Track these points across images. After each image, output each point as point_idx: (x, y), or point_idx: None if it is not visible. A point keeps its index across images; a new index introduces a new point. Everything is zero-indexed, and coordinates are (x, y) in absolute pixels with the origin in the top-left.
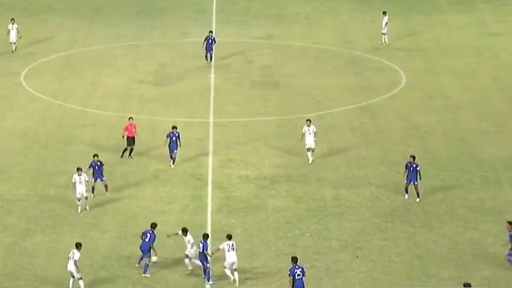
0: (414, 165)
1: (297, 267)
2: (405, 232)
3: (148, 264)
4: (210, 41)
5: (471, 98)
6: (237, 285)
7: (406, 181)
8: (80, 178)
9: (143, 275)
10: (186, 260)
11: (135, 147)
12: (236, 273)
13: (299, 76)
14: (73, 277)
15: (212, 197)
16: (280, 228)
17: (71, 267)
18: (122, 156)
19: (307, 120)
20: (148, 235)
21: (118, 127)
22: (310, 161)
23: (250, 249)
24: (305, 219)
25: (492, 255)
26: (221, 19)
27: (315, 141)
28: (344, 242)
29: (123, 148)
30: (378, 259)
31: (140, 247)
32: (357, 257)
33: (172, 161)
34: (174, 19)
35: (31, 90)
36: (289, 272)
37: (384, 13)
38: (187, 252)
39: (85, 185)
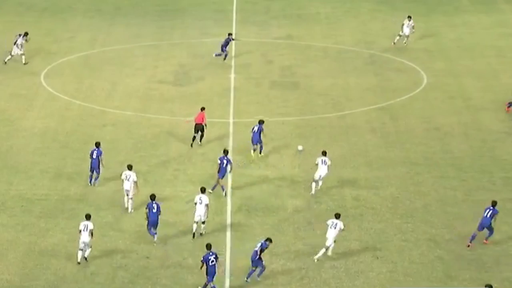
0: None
1: (210, 253)
2: (426, 233)
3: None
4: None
5: (493, 99)
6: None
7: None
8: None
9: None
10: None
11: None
12: (326, 251)
13: (319, 76)
14: (82, 250)
15: (232, 197)
16: (300, 228)
17: (86, 238)
18: (191, 146)
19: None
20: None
21: (138, 127)
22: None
23: (269, 249)
24: (325, 220)
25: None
26: (241, 19)
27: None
28: (364, 243)
29: (193, 136)
30: (399, 260)
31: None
32: (377, 258)
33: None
34: (194, 19)
35: (51, 90)
36: (202, 259)
37: (409, 17)
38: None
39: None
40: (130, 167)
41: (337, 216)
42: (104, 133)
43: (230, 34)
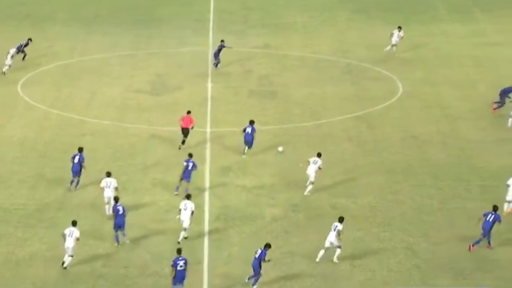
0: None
1: (180, 258)
2: (404, 242)
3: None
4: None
5: (470, 108)
6: (334, 260)
7: None
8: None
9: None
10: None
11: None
12: (338, 250)
13: (297, 86)
14: (68, 254)
15: (210, 206)
16: (278, 237)
17: (70, 243)
18: (182, 145)
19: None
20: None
21: (116, 136)
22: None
23: (247, 258)
24: (303, 228)
25: (491, 264)
26: (219, 28)
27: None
28: (343, 251)
29: (182, 139)
30: (377, 268)
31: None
32: (355, 266)
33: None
34: (172, 29)
35: (27, 99)
36: (172, 263)
37: (399, 28)
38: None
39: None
40: (109, 174)
41: (340, 219)
42: (82, 142)
43: (222, 41)
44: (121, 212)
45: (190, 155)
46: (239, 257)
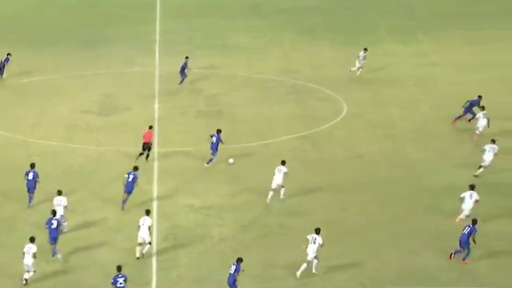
0: None
1: (120, 275)
2: (351, 259)
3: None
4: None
5: (413, 128)
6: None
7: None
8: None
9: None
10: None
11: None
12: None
13: (243, 106)
14: (28, 271)
15: (158, 226)
16: (227, 257)
17: (29, 260)
18: (137, 159)
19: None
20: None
21: (64, 156)
22: (268, 200)
23: (195, 277)
24: (252, 248)
25: (437, 281)
26: (165, 49)
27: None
28: (291, 270)
29: (139, 153)
30: (324, 286)
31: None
32: (303, 285)
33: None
34: (119, 49)
35: None
36: (112, 280)
37: (365, 49)
38: None
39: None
40: (60, 192)
41: (317, 231)
42: (29, 163)
43: (187, 58)
44: (54, 226)
45: (135, 168)
46: (188, 277)
